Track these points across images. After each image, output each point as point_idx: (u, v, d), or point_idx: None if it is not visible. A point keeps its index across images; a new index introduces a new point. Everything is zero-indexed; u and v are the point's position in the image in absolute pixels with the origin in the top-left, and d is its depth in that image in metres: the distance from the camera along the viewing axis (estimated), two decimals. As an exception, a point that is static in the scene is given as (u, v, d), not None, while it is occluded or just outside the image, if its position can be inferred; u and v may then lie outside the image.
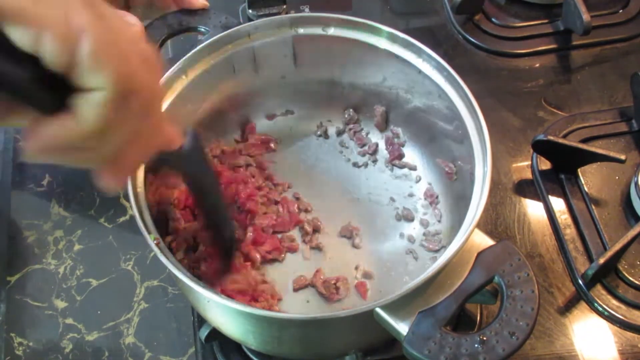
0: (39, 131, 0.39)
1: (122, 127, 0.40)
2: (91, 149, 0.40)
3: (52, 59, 0.36)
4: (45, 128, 0.38)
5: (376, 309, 0.57)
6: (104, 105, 0.37)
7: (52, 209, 0.88)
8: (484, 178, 0.64)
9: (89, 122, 0.38)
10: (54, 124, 0.38)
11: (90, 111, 0.37)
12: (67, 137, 0.38)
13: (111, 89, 0.37)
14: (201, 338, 0.74)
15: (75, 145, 0.39)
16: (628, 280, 0.76)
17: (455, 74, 0.70)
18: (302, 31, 0.77)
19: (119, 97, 0.38)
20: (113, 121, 0.38)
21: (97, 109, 0.37)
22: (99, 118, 0.37)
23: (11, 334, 0.79)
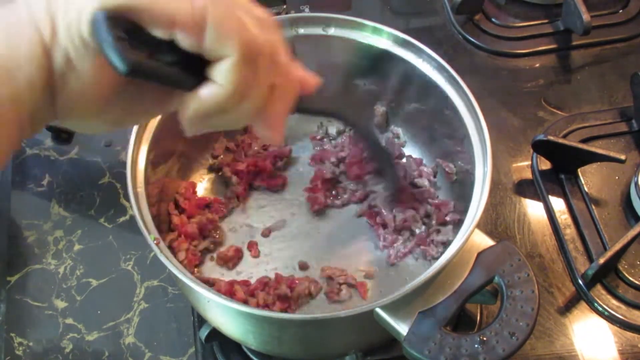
0: (190, 105, 0.44)
1: (257, 83, 0.45)
2: (238, 109, 0.45)
3: (186, 42, 0.42)
4: (194, 101, 0.44)
5: (376, 309, 0.57)
6: (236, 68, 0.43)
7: (52, 209, 0.88)
8: (484, 178, 0.64)
9: (227, 85, 0.43)
10: (201, 94, 0.44)
11: (226, 76, 0.43)
12: (214, 103, 0.44)
13: (238, 53, 0.42)
14: (201, 338, 0.74)
15: (223, 107, 0.44)
16: (628, 280, 0.76)
17: (455, 74, 0.70)
18: (302, 31, 0.77)
19: (247, 58, 0.43)
20: (247, 80, 0.44)
21: (231, 72, 0.43)
22: (235, 79, 0.43)
23: (11, 334, 0.79)
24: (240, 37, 0.42)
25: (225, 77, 0.43)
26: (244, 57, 0.43)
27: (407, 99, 0.79)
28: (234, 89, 0.43)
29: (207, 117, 0.45)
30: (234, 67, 0.43)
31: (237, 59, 0.42)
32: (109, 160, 0.92)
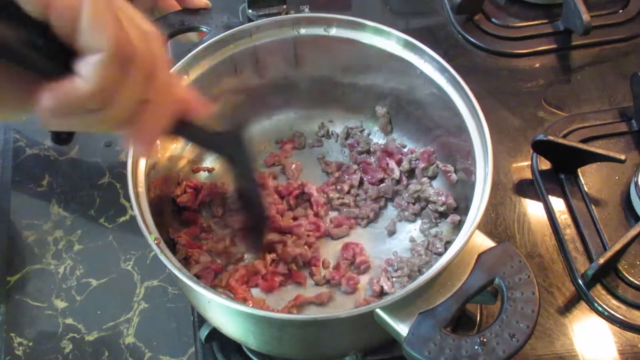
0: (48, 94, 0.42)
1: (124, 89, 0.43)
2: (100, 110, 0.43)
3: (59, 24, 0.40)
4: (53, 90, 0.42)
5: (376, 309, 0.57)
6: (104, 65, 0.41)
7: (52, 209, 0.88)
8: (485, 179, 0.64)
9: (91, 81, 0.41)
10: (61, 85, 0.42)
11: (91, 71, 0.41)
12: (73, 97, 0.42)
13: (109, 50, 0.41)
14: (201, 338, 0.74)
15: (83, 105, 0.43)
16: (628, 280, 0.76)
17: (457, 75, 0.70)
18: (304, 31, 0.77)
19: (117, 58, 0.41)
20: (113, 82, 0.42)
21: (98, 68, 0.41)
22: (100, 77, 0.41)
23: (11, 334, 0.79)
24: (115, 35, 0.41)
25: (90, 72, 0.41)
26: (114, 56, 0.41)
27: (408, 99, 0.79)
28: (97, 87, 0.42)
29: (66, 113, 0.43)
30: (101, 63, 0.41)
31: (107, 55, 0.41)
32: (109, 160, 0.92)
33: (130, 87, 0.44)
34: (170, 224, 0.76)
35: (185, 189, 0.77)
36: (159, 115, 0.48)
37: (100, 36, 0.41)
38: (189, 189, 0.77)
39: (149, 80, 0.45)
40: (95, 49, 0.41)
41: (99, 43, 0.41)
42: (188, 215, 0.77)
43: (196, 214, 0.77)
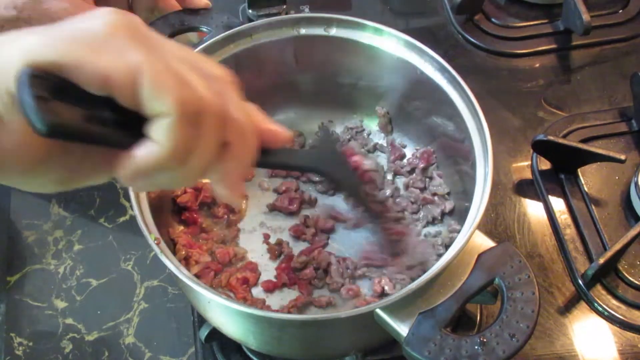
0: (127, 164, 0.42)
1: (201, 142, 0.42)
2: (182, 168, 0.43)
3: (121, 97, 0.39)
4: (129, 158, 0.42)
5: (376, 309, 0.57)
6: (175, 128, 0.40)
7: (52, 209, 0.88)
8: (485, 179, 0.64)
9: (165, 145, 0.40)
10: (136, 154, 0.41)
11: (163, 135, 0.40)
12: (151, 163, 0.41)
13: (176, 112, 0.40)
14: (201, 338, 0.74)
15: (163, 167, 0.42)
16: (628, 280, 0.76)
17: (457, 75, 0.70)
18: (304, 31, 0.77)
19: (187, 117, 0.40)
20: (188, 139, 0.41)
21: (169, 132, 0.40)
22: (173, 139, 0.40)
23: (11, 334, 0.79)
24: (179, 94, 0.40)
25: (162, 137, 0.40)
26: (183, 116, 0.40)
27: (409, 99, 0.79)
28: (173, 149, 0.41)
29: (147, 177, 0.43)
30: (172, 127, 0.40)
31: (175, 118, 0.40)
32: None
33: (205, 139, 0.42)
34: (170, 224, 0.76)
35: (185, 189, 0.77)
36: (242, 155, 0.47)
37: (165, 100, 0.39)
38: (189, 189, 0.77)
39: (225, 124, 0.44)
40: (162, 114, 0.40)
41: (164, 107, 0.40)
42: (188, 215, 0.77)
43: (196, 214, 0.77)
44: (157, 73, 0.39)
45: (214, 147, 0.44)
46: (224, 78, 0.46)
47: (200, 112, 0.41)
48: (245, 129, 0.46)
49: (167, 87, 0.40)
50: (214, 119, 0.43)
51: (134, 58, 0.39)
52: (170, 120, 0.40)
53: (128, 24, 0.41)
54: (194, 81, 0.42)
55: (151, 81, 0.39)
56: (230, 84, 0.47)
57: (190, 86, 0.41)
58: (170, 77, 0.40)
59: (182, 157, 0.42)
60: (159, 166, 0.41)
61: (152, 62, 0.39)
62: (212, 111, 0.42)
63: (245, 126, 0.46)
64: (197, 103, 0.41)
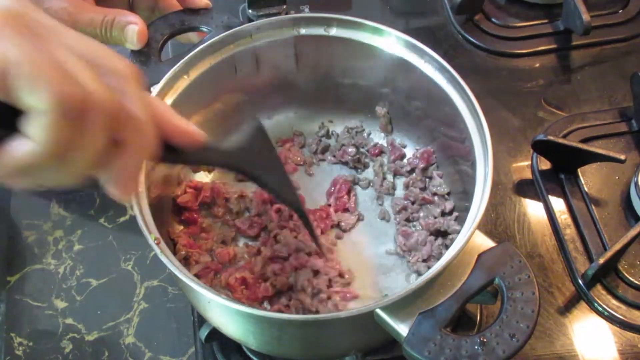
0: None
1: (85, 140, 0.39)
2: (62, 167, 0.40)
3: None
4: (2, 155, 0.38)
5: (376, 309, 0.57)
6: (51, 125, 0.37)
7: (52, 209, 0.88)
8: (486, 179, 0.64)
9: (41, 143, 0.37)
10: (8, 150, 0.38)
11: (39, 131, 0.37)
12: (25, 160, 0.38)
13: (52, 108, 0.37)
14: (201, 338, 0.74)
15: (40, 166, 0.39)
16: (628, 280, 0.76)
17: (457, 75, 0.70)
18: (304, 31, 0.77)
19: (65, 113, 0.37)
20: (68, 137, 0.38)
21: (45, 128, 0.37)
22: (50, 137, 0.37)
23: (11, 334, 0.79)
24: (58, 89, 0.36)
25: (38, 134, 0.37)
26: (61, 112, 0.37)
27: (409, 99, 0.79)
28: (50, 147, 0.38)
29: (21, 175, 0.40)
30: (48, 123, 0.37)
31: (52, 114, 0.36)
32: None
33: (89, 136, 0.39)
34: (170, 224, 0.76)
35: (185, 189, 0.77)
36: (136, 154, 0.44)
37: (41, 94, 0.36)
38: (189, 189, 0.77)
39: (116, 121, 0.41)
40: (38, 109, 0.37)
41: (40, 102, 0.36)
42: (188, 215, 0.77)
43: (196, 214, 0.77)
44: (34, 65, 0.36)
45: (99, 145, 0.41)
46: (124, 72, 0.43)
47: (83, 108, 0.38)
48: (141, 127, 0.44)
49: (45, 80, 0.36)
50: (100, 115, 0.39)
51: (10, 48, 0.36)
52: (46, 116, 0.37)
53: (16, 12, 0.38)
54: (81, 75, 0.39)
55: (27, 73, 0.36)
56: (131, 79, 0.43)
57: (74, 80, 0.38)
58: (51, 70, 0.37)
59: (61, 155, 0.39)
60: (35, 164, 0.38)
61: (31, 53, 0.36)
62: (100, 107, 0.39)
63: (141, 123, 0.43)
64: (79, 98, 0.38)
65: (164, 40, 0.77)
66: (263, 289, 0.72)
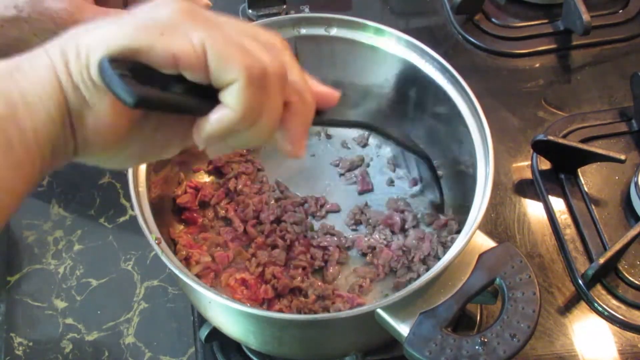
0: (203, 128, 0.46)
1: (268, 103, 0.47)
2: (253, 128, 0.47)
3: (192, 75, 0.44)
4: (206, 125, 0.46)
5: (377, 309, 0.58)
6: (244, 92, 0.44)
7: (52, 209, 0.88)
8: (486, 179, 0.64)
9: (237, 108, 0.45)
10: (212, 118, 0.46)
11: (235, 99, 0.45)
12: (226, 125, 0.46)
13: (243, 77, 0.44)
14: (201, 338, 0.74)
15: (237, 129, 0.46)
16: (628, 280, 0.76)
17: (458, 75, 0.70)
18: (304, 32, 0.77)
19: (253, 81, 0.45)
20: (257, 101, 0.46)
21: (240, 96, 0.44)
22: (244, 102, 0.45)
23: (11, 334, 0.79)
24: (243, 62, 0.44)
25: (234, 101, 0.45)
26: (250, 81, 0.44)
27: (409, 99, 0.79)
28: (245, 111, 0.45)
29: (222, 139, 0.47)
30: (241, 91, 0.44)
31: (243, 83, 0.44)
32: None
33: (272, 99, 0.47)
34: (171, 224, 0.76)
35: (185, 188, 0.77)
36: (302, 113, 0.51)
37: (231, 71, 0.44)
38: (189, 188, 0.77)
39: (286, 86, 0.48)
40: (231, 81, 0.44)
41: (232, 77, 0.44)
42: (188, 215, 0.77)
43: (196, 213, 0.77)
44: (221, 47, 0.44)
45: (280, 106, 0.48)
46: (280, 45, 0.50)
47: (264, 76, 0.45)
48: (304, 89, 0.50)
49: (232, 57, 0.44)
50: (277, 81, 0.47)
51: (198, 37, 0.43)
52: (239, 85, 0.44)
53: (189, 8, 0.45)
54: (255, 49, 0.46)
55: (217, 55, 0.44)
56: (285, 51, 0.50)
57: (253, 54, 0.45)
58: (234, 48, 0.44)
59: (253, 118, 0.46)
60: (232, 128, 0.46)
61: (215, 38, 0.44)
62: (275, 74, 0.46)
63: (303, 86, 0.50)
64: (261, 68, 0.45)
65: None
66: (263, 290, 0.71)
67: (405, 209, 0.77)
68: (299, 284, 0.72)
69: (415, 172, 0.82)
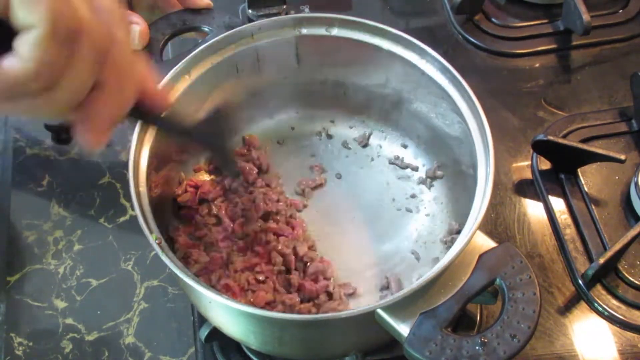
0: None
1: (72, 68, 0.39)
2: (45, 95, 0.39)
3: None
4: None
5: (377, 310, 0.57)
6: (42, 42, 0.37)
7: (52, 209, 0.88)
8: (487, 179, 0.64)
9: (28, 60, 0.37)
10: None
11: (28, 49, 0.37)
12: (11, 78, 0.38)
13: (46, 26, 0.37)
14: (201, 338, 0.74)
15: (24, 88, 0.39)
16: (628, 280, 0.76)
17: (458, 75, 0.70)
18: (305, 31, 0.77)
19: (58, 35, 0.37)
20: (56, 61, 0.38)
21: (35, 46, 0.37)
22: (38, 55, 0.37)
23: (11, 334, 0.79)
24: (52, 8, 0.37)
25: (26, 51, 0.37)
26: (52, 33, 0.37)
27: (410, 99, 0.79)
28: (35, 67, 0.38)
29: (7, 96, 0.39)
30: (40, 40, 0.37)
31: (44, 31, 0.37)
32: (109, 160, 0.92)
33: (77, 67, 0.39)
34: (170, 223, 0.76)
35: (186, 188, 0.77)
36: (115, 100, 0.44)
37: (35, 10, 0.36)
38: (189, 187, 0.77)
39: (102, 59, 0.41)
40: (31, 25, 0.37)
41: (33, 18, 0.37)
42: (186, 212, 0.77)
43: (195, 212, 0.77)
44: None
45: (85, 78, 0.41)
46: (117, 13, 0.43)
47: (75, 31, 0.38)
48: (125, 72, 0.44)
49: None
50: (91, 45, 0.40)
51: None
52: (39, 32, 0.37)
53: None
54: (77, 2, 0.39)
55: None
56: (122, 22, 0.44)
57: (70, 3, 0.38)
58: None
59: (46, 79, 0.39)
60: (19, 83, 0.38)
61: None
62: (91, 37, 0.39)
63: (125, 69, 0.44)
64: (74, 22, 0.38)
65: (165, 40, 0.77)
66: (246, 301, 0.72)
67: None
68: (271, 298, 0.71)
69: (416, 172, 0.82)
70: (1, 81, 0.38)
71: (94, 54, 0.40)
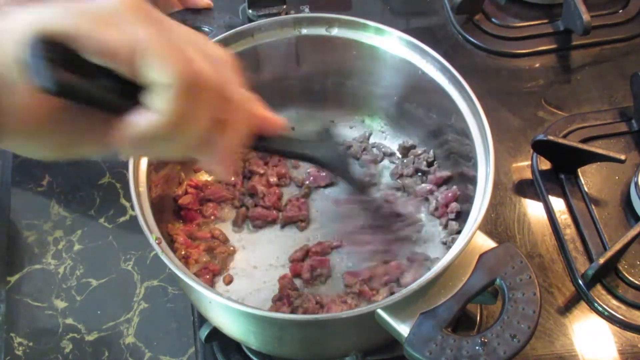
0: (122, 129, 0.44)
1: (198, 116, 0.44)
2: (176, 139, 0.45)
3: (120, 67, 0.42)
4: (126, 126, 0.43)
5: (378, 310, 0.57)
6: (175, 98, 0.42)
7: (52, 209, 0.88)
8: (487, 179, 0.64)
9: (164, 114, 0.42)
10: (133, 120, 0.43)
11: (163, 104, 0.42)
12: (151, 130, 0.43)
13: (178, 84, 0.42)
14: (201, 338, 0.74)
15: (158, 136, 0.44)
16: (628, 280, 0.76)
17: (458, 75, 0.70)
18: (305, 31, 0.77)
19: (187, 89, 0.42)
20: (186, 112, 0.43)
21: (169, 101, 0.42)
22: (172, 109, 0.42)
23: (11, 334, 0.79)
24: (180, 66, 0.42)
25: (162, 106, 0.42)
26: (183, 88, 0.42)
27: (409, 99, 0.79)
28: (172, 118, 0.43)
29: (140, 144, 0.45)
30: (172, 96, 0.42)
31: (176, 88, 0.42)
32: (109, 160, 0.92)
33: (202, 110, 0.45)
34: (170, 222, 0.76)
35: (186, 188, 0.77)
36: (237, 133, 0.49)
37: (166, 71, 0.42)
38: (190, 188, 0.77)
39: (224, 103, 0.47)
40: (163, 84, 0.42)
41: (166, 77, 0.42)
42: (186, 212, 0.77)
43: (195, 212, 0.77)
44: (159, 46, 0.42)
45: (210, 119, 0.46)
46: (226, 59, 0.49)
47: (198, 85, 0.43)
48: (241, 109, 0.49)
49: (169, 59, 0.42)
50: (211, 93, 0.45)
51: (137, 32, 0.42)
52: (171, 90, 0.42)
53: (137, 4, 0.43)
54: (196, 57, 0.44)
55: (153, 52, 0.41)
56: (232, 67, 0.49)
57: (191, 60, 0.43)
58: (172, 50, 0.42)
59: (180, 126, 0.44)
60: (157, 134, 0.43)
61: (156, 36, 0.42)
62: (211, 86, 0.45)
63: (241, 106, 0.49)
64: (196, 76, 0.43)
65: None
66: None
67: None
68: None
69: (415, 172, 0.82)
70: (139, 133, 0.43)
71: (214, 97, 0.45)
